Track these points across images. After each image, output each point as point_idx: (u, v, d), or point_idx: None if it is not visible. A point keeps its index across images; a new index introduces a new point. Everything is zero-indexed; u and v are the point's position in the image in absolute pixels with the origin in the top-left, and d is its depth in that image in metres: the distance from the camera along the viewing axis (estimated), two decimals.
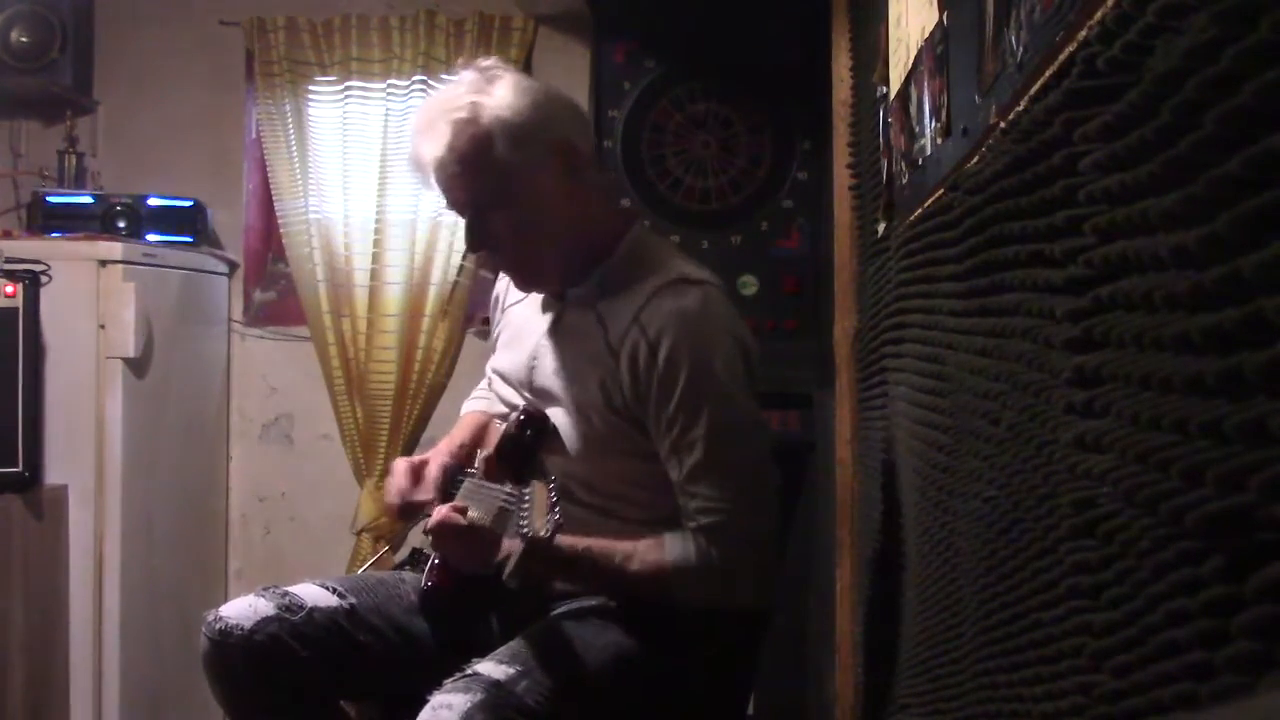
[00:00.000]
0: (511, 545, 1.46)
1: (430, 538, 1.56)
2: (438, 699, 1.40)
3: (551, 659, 1.48)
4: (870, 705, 1.95)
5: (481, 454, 1.68)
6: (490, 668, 1.44)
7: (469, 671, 1.43)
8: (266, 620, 1.56)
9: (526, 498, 1.46)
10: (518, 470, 1.57)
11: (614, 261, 1.61)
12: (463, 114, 1.52)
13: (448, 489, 1.65)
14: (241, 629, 1.55)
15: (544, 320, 1.68)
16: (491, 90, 1.54)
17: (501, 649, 1.50)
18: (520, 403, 1.65)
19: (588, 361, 1.58)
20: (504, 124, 1.52)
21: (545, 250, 1.60)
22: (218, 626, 1.56)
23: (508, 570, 1.41)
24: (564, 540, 1.49)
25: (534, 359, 1.67)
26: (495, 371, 1.79)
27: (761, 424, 1.60)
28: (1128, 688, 0.66)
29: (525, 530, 1.39)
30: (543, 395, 1.64)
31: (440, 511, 1.53)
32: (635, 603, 1.58)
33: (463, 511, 1.53)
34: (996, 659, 1.01)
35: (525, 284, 1.70)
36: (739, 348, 1.57)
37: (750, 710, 2.20)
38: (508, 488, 1.53)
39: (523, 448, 1.60)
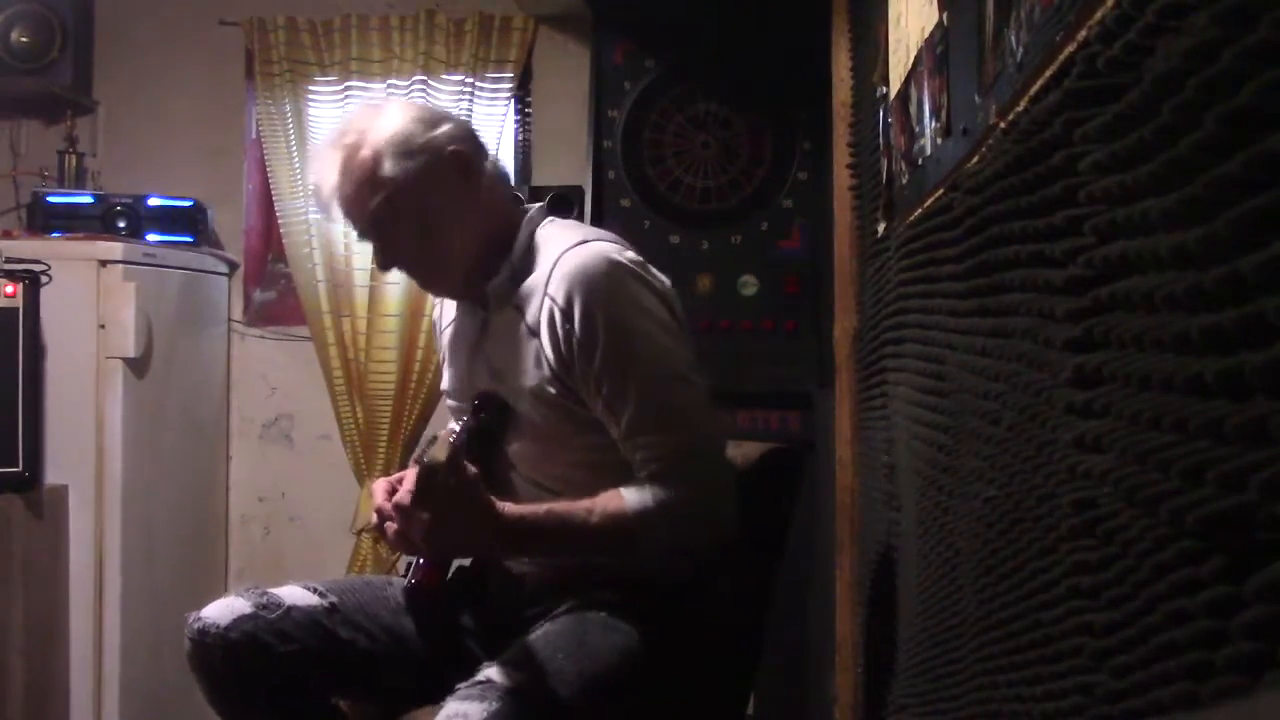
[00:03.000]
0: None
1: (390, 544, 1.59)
2: (452, 707, 1.39)
3: (564, 665, 1.47)
4: (870, 705, 1.95)
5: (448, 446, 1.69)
6: (504, 674, 1.43)
7: (482, 679, 1.43)
8: (243, 619, 1.59)
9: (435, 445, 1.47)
10: (483, 459, 1.58)
11: (518, 249, 1.64)
12: (349, 139, 1.62)
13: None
14: (218, 627, 1.58)
15: (472, 330, 1.71)
16: (375, 116, 1.64)
17: (512, 653, 1.49)
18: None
19: (516, 350, 1.60)
20: (388, 141, 1.60)
21: (451, 256, 1.65)
22: (196, 626, 1.59)
23: (411, 498, 1.42)
24: (521, 508, 1.51)
25: (470, 369, 1.71)
26: (444, 393, 1.84)
27: (691, 360, 1.59)
28: (1128, 688, 0.66)
29: (426, 459, 1.40)
30: None
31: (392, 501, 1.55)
32: (605, 562, 1.58)
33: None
34: (996, 659, 1.01)
35: (442, 290, 1.78)
36: (649, 290, 1.57)
37: (750, 710, 2.20)
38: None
39: (483, 434, 1.62)
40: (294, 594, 1.66)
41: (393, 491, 1.64)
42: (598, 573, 1.60)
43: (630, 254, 1.60)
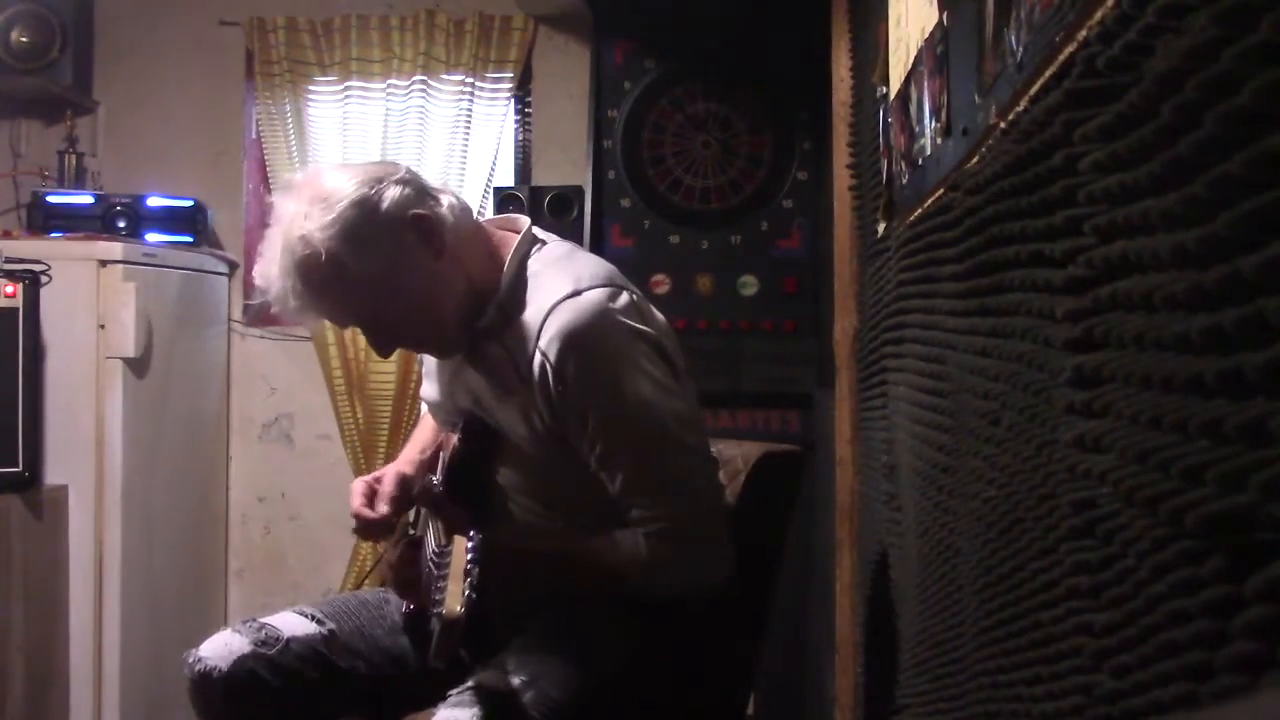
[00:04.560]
0: (433, 624, 1.42)
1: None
2: (442, 714, 1.39)
3: (555, 669, 1.47)
4: (870, 705, 1.95)
5: (432, 480, 1.69)
6: (494, 679, 1.43)
7: (472, 684, 1.42)
8: (243, 658, 1.57)
9: (447, 559, 1.38)
10: (469, 486, 1.58)
11: (503, 292, 1.54)
12: (300, 251, 1.45)
13: (406, 501, 1.66)
14: (220, 670, 1.56)
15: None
16: (309, 211, 1.46)
17: (503, 659, 1.49)
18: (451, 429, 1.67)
19: (505, 393, 1.55)
20: (340, 238, 1.45)
21: (442, 319, 1.55)
22: (197, 668, 1.57)
23: (431, 653, 1.36)
24: (513, 546, 1.50)
25: (451, 390, 1.66)
26: (424, 399, 1.80)
27: (688, 416, 1.54)
28: (1128, 688, 0.66)
29: (439, 609, 1.32)
30: None
31: (389, 551, 1.59)
32: (600, 599, 1.58)
33: (418, 544, 1.57)
34: (996, 659, 1.01)
35: (440, 354, 1.66)
36: (646, 345, 1.50)
37: (750, 710, 2.20)
38: (435, 544, 1.51)
39: (470, 461, 1.61)
40: (291, 623, 1.64)
41: (371, 493, 1.64)
42: None
43: (624, 299, 1.51)
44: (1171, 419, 0.61)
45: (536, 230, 1.63)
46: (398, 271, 1.49)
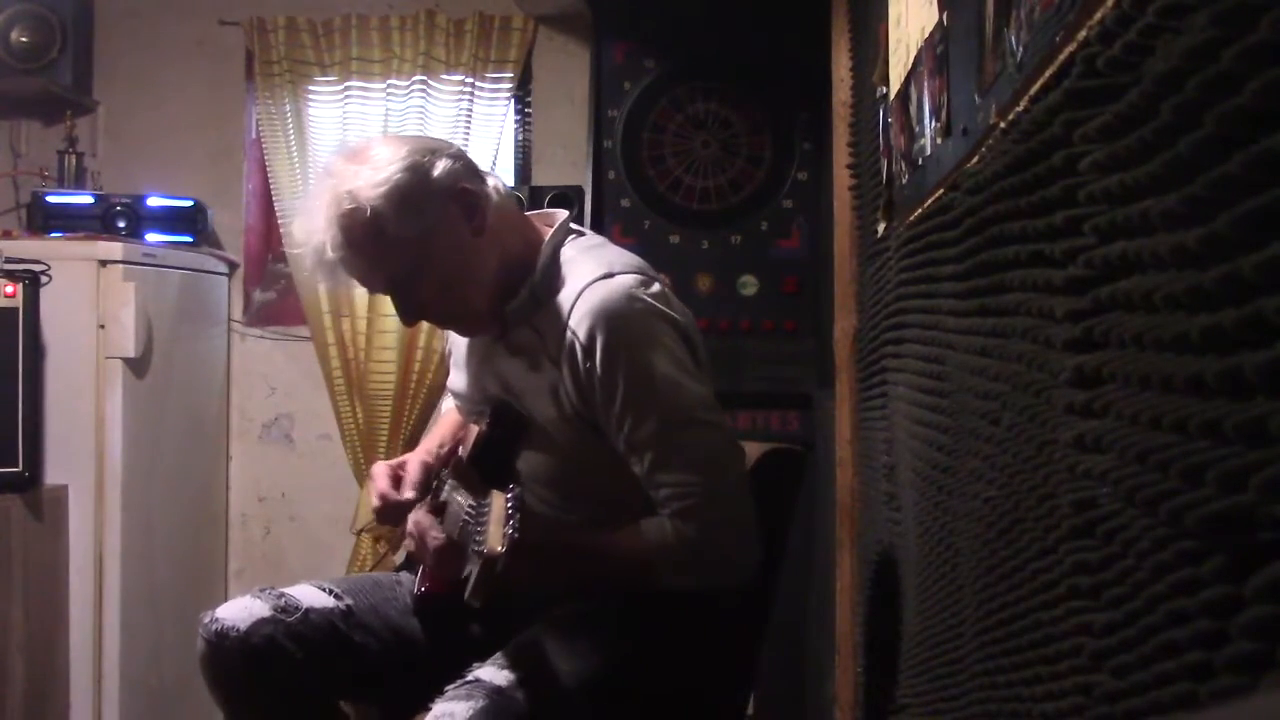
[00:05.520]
0: (472, 564, 1.40)
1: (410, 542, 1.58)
2: (440, 707, 1.39)
3: (553, 664, 1.47)
4: (870, 705, 1.95)
5: (459, 455, 1.68)
6: (492, 674, 1.43)
7: (470, 678, 1.43)
8: (262, 622, 1.57)
9: (485, 510, 1.40)
10: (494, 471, 1.57)
11: (537, 275, 1.57)
12: (345, 205, 1.48)
13: (428, 488, 1.65)
14: (237, 630, 1.55)
15: (483, 341, 1.66)
16: (360, 170, 1.50)
17: (502, 653, 1.49)
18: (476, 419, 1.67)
19: (534, 375, 1.57)
20: (387, 198, 1.48)
21: (473, 296, 1.57)
22: (214, 628, 1.56)
23: (468, 591, 1.36)
24: (539, 540, 1.47)
25: (480, 380, 1.67)
26: (451, 391, 1.80)
27: (712, 403, 1.55)
28: (1128, 688, 0.66)
29: (479, 548, 1.33)
30: None
31: (414, 517, 1.56)
32: (624, 592, 1.58)
33: (439, 511, 1.55)
34: (996, 659, 1.01)
35: (466, 331, 1.68)
36: (673, 331, 1.54)
37: (750, 710, 2.20)
38: (469, 500, 1.51)
39: (496, 446, 1.60)
40: (309, 595, 1.64)
41: (395, 479, 1.64)
42: None
43: (655, 286, 1.55)
44: (1171, 419, 0.61)
45: (572, 224, 1.67)
46: (437, 240, 1.52)
